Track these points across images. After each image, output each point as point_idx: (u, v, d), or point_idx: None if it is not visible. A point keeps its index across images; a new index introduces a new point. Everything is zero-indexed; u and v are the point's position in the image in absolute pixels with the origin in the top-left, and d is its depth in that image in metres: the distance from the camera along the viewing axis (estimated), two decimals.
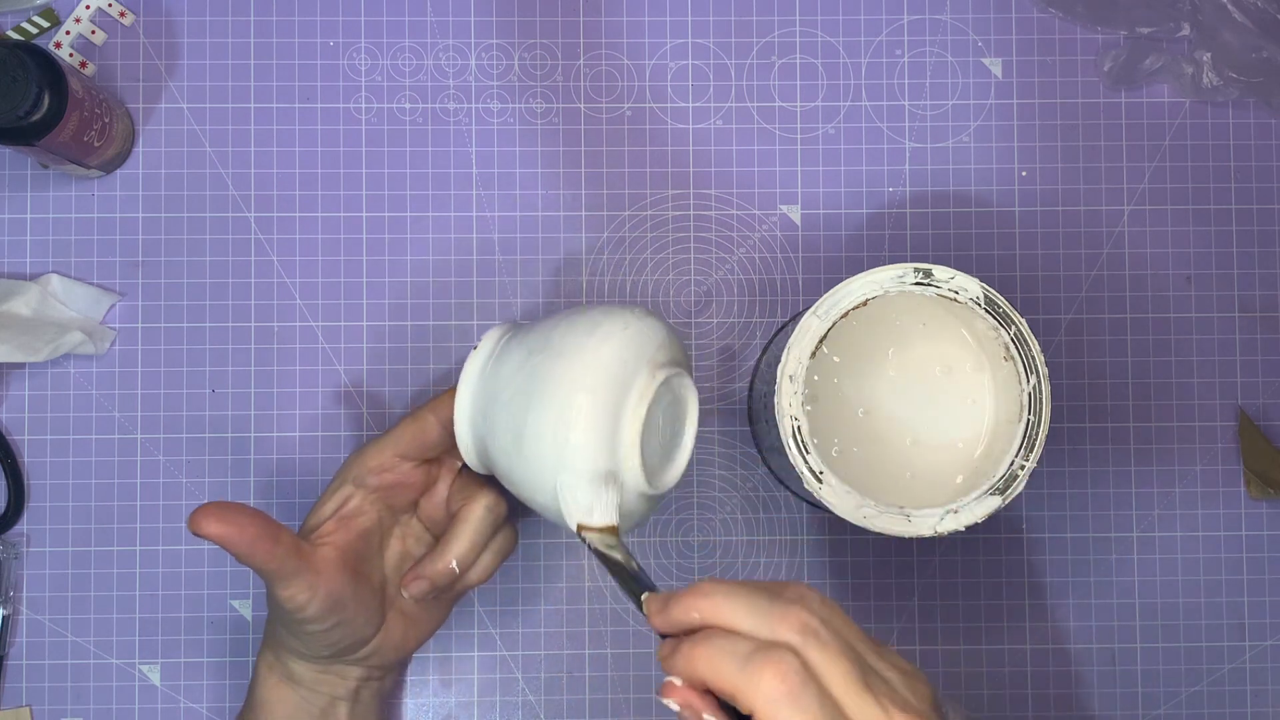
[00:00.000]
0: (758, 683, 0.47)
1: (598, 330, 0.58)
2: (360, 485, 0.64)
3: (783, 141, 0.74)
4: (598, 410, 0.57)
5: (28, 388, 0.72)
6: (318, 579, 0.60)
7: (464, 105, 0.74)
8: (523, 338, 0.60)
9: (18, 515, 0.72)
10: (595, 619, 0.73)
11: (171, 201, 0.73)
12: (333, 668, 0.64)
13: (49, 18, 0.73)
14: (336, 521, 0.63)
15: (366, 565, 0.63)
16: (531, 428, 0.57)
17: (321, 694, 0.64)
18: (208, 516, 0.58)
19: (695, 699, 0.48)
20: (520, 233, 0.73)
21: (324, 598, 0.60)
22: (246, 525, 0.58)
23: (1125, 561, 0.73)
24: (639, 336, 0.58)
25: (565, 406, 0.57)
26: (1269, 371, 0.74)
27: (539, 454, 0.57)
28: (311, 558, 0.60)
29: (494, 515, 0.63)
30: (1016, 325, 0.62)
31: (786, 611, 0.48)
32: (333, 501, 0.64)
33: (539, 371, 0.58)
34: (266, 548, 0.58)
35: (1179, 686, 0.73)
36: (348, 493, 0.64)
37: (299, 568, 0.60)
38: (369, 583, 0.63)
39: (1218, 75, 0.72)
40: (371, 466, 0.63)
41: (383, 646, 0.64)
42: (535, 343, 0.59)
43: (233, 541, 0.58)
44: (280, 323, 0.73)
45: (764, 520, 0.73)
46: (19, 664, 0.71)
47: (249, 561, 0.59)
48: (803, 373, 0.61)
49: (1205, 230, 0.74)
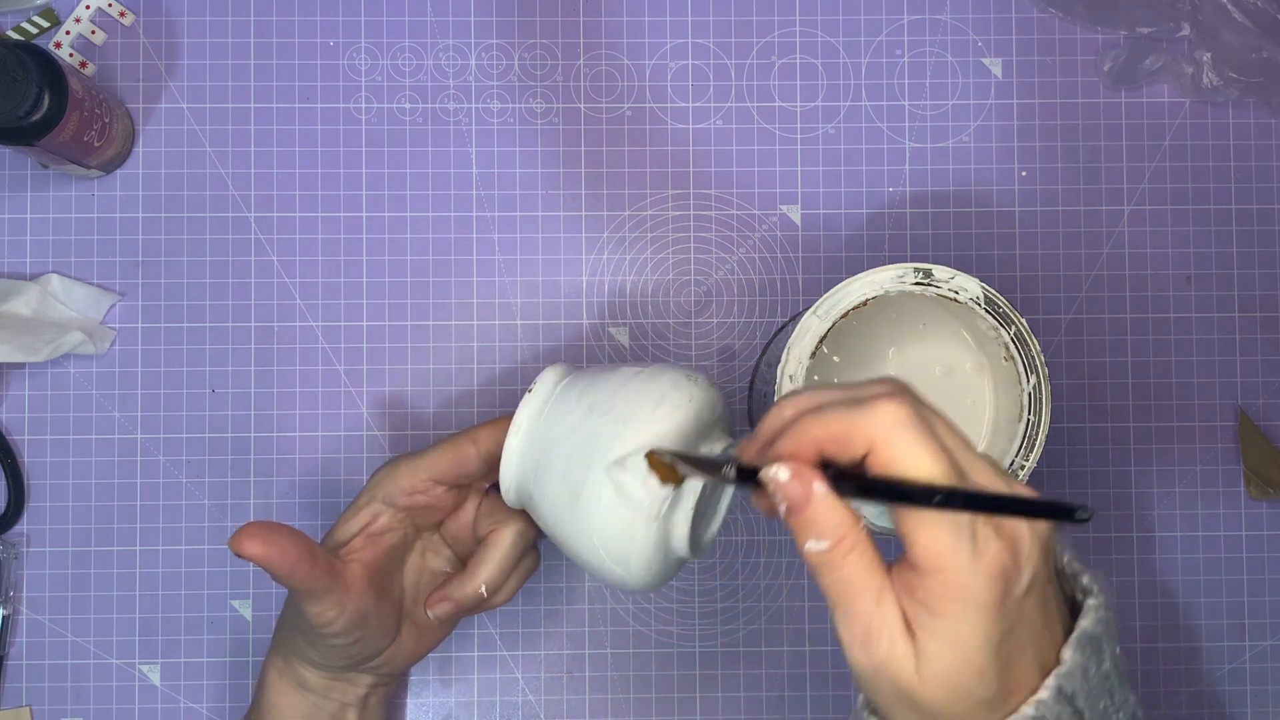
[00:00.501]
0: (873, 413, 0.44)
1: (665, 403, 0.58)
2: (390, 504, 0.63)
3: (783, 141, 0.74)
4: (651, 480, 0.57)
5: (28, 388, 0.72)
6: (347, 596, 0.60)
7: (464, 105, 0.74)
8: (582, 390, 0.60)
9: (18, 515, 0.72)
10: (595, 619, 0.73)
11: (171, 201, 0.73)
12: (345, 676, 0.64)
13: (49, 18, 0.73)
14: (365, 538, 0.63)
15: (389, 581, 0.64)
16: (590, 489, 0.57)
17: (332, 700, 0.64)
18: (251, 538, 0.58)
19: (805, 468, 0.45)
20: (520, 233, 0.73)
21: (351, 614, 0.60)
22: (289, 547, 0.58)
23: (1125, 561, 0.73)
24: (702, 410, 0.59)
25: (624, 474, 0.57)
26: (1269, 371, 0.74)
27: (592, 515, 0.57)
28: (343, 575, 0.60)
29: (524, 541, 0.64)
30: (1016, 325, 0.62)
31: (881, 383, 0.46)
32: (361, 517, 0.63)
33: (601, 434, 0.58)
34: (306, 569, 0.58)
35: (1179, 686, 0.73)
36: (376, 510, 0.63)
37: (331, 585, 0.60)
38: (390, 597, 0.63)
39: (1218, 75, 0.72)
40: (403, 487, 0.63)
41: (395, 656, 0.64)
42: (598, 401, 0.59)
43: (275, 563, 0.58)
44: (280, 323, 0.73)
45: (764, 520, 0.73)
46: (19, 664, 0.71)
47: (287, 581, 0.59)
48: (803, 373, 0.61)
49: (1205, 230, 0.74)
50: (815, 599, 0.73)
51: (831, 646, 0.72)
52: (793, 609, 0.73)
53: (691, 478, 0.55)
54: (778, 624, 0.73)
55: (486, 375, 0.73)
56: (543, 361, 0.73)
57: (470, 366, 0.73)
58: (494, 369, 0.73)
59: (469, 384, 0.73)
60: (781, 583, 0.73)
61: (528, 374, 0.73)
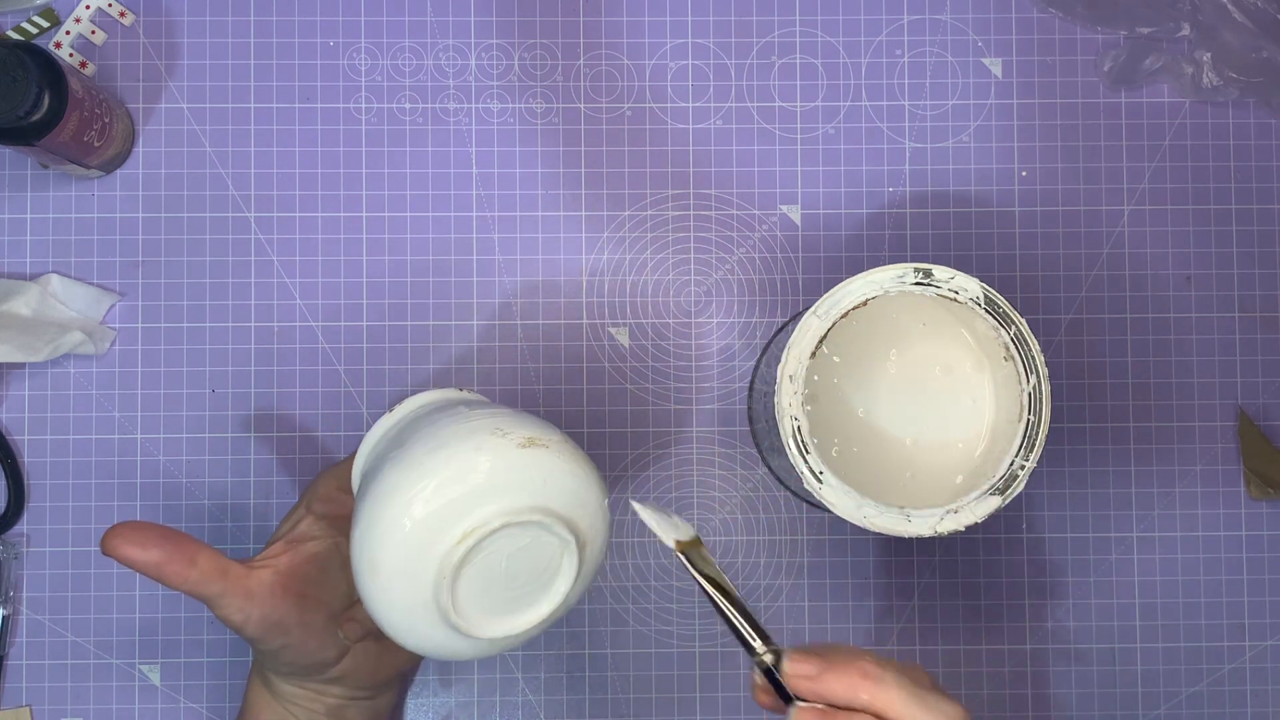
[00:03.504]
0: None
1: (440, 452, 0.55)
2: (309, 510, 0.63)
3: (783, 141, 0.74)
4: (410, 534, 0.54)
5: (28, 388, 0.72)
6: (249, 602, 0.59)
7: (464, 105, 0.74)
8: (416, 422, 0.59)
9: (18, 515, 0.72)
10: (595, 619, 0.73)
11: (171, 201, 0.73)
12: (308, 685, 0.63)
13: (49, 18, 0.73)
14: (285, 544, 0.62)
15: (316, 589, 0.62)
16: (355, 528, 0.56)
17: (302, 708, 0.63)
18: (117, 537, 0.57)
19: None
20: (520, 233, 0.73)
21: (259, 620, 0.59)
22: (152, 547, 0.57)
23: (1125, 561, 0.73)
24: (492, 471, 0.54)
25: (376, 519, 0.55)
26: (1269, 371, 0.74)
27: (353, 553, 0.56)
28: (243, 581, 0.59)
29: None
30: (1016, 325, 0.62)
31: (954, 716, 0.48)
32: (287, 523, 0.63)
33: (383, 470, 0.56)
34: (177, 570, 0.57)
35: (1179, 686, 0.73)
36: (299, 515, 0.63)
37: (225, 589, 0.58)
38: (322, 607, 0.62)
39: (1218, 75, 0.72)
40: (320, 494, 0.63)
41: (355, 670, 0.63)
42: (405, 435, 0.57)
43: (141, 565, 0.57)
44: (280, 323, 0.73)
45: (764, 520, 0.73)
46: (19, 664, 0.71)
47: (164, 584, 0.58)
48: (803, 373, 0.61)
49: (1205, 230, 0.74)
50: (815, 599, 0.73)
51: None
52: (793, 609, 0.73)
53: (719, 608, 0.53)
54: (778, 624, 0.73)
55: (486, 375, 0.73)
56: (542, 361, 0.73)
57: (470, 367, 0.73)
58: (494, 369, 0.73)
59: (469, 384, 0.73)
60: (781, 583, 0.73)
61: (528, 374, 0.73)
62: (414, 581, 0.54)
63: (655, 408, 0.73)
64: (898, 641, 0.73)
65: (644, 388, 0.73)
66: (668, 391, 0.73)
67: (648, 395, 0.73)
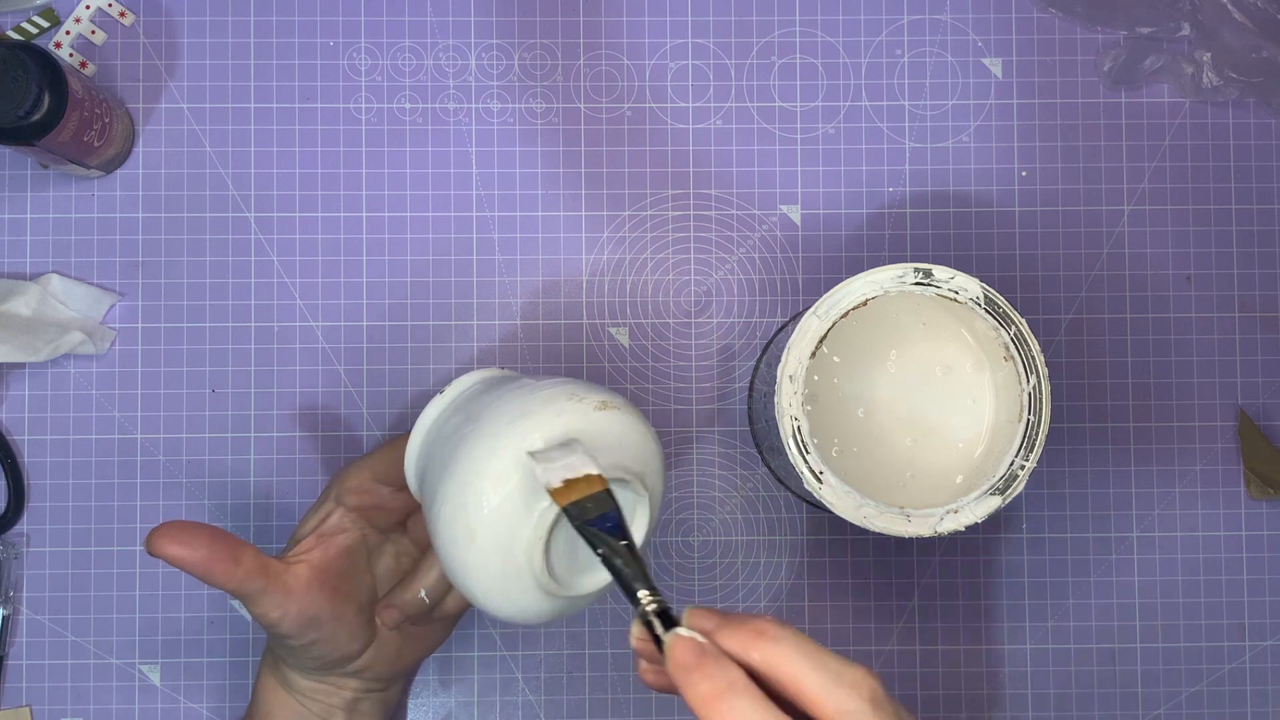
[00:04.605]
0: (839, 689, 0.44)
1: (526, 418, 0.56)
2: (340, 503, 0.63)
3: (783, 141, 0.74)
4: (504, 502, 0.55)
5: (28, 388, 0.72)
6: (288, 598, 0.59)
7: (464, 105, 0.74)
8: (479, 397, 0.59)
9: (18, 515, 0.72)
10: (595, 619, 0.73)
11: (171, 201, 0.73)
12: (327, 679, 0.64)
13: (49, 18, 0.73)
14: (316, 538, 0.63)
15: (348, 582, 0.62)
16: (439, 505, 0.56)
17: (318, 702, 0.64)
18: (166, 538, 0.57)
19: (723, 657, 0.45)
20: (520, 233, 0.73)
21: (295, 616, 0.60)
22: (200, 547, 0.57)
23: (1125, 561, 0.73)
24: (573, 430, 0.56)
25: (467, 490, 0.55)
26: (1269, 371, 0.74)
27: (443, 529, 0.56)
28: (282, 576, 0.60)
29: None
30: (1016, 325, 0.62)
31: (858, 681, 0.45)
32: (315, 517, 0.63)
33: (464, 445, 0.56)
34: (224, 568, 0.58)
35: (1179, 686, 0.73)
36: (329, 509, 0.63)
37: (266, 587, 0.59)
38: (352, 600, 0.62)
39: (1218, 75, 0.72)
40: (350, 486, 0.63)
41: (376, 662, 0.63)
42: (476, 410, 0.58)
43: (190, 564, 0.57)
44: (280, 323, 0.73)
45: (764, 520, 0.73)
46: (19, 664, 0.71)
47: (210, 583, 0.58)
48: (803, 373, 0.61)
49: (1205, 230, 0.74)
50: (815, 599, 0.73)
51: (831, 646, 0.72)
52: (793, 609, 0.73)
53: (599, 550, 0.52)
54: None
55: None
56: (542, 361, 0.73)
57: (470, 367, 0.73)
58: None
59: None
60: (782, 583, 0.73)
61: (528, 374, 0.73)
62: (509, 546, 0.55)
63: (655, 408, 0.73)
64: (898, 641, 0.73)
65: (644, 388, 0.73)
66: (668, 391, 0.73)
67: (648, 395, 0.73)
